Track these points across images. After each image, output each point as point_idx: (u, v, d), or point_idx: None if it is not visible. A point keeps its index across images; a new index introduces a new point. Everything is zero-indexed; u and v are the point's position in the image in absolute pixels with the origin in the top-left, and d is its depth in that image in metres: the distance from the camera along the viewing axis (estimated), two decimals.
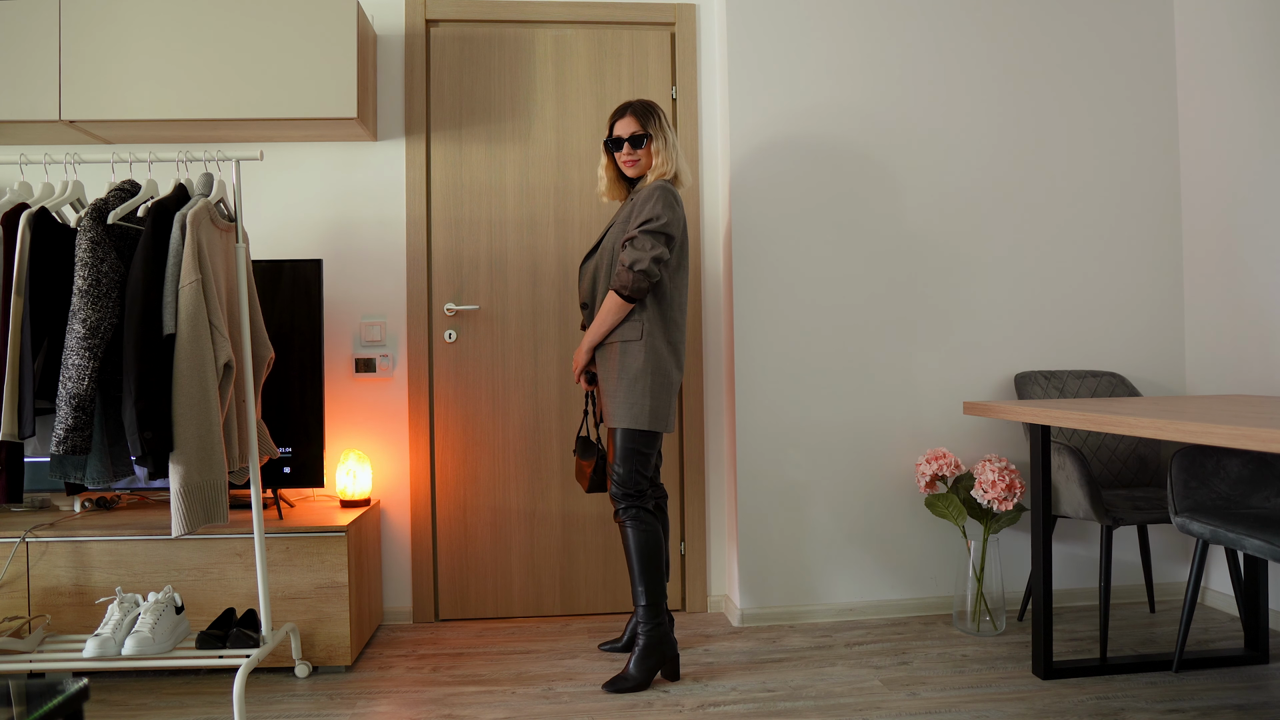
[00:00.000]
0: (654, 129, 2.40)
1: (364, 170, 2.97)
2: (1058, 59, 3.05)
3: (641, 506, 2.34)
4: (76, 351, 2.01)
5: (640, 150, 2.41)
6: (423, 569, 2.95)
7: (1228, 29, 2.88)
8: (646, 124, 2.40)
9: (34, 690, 1.04)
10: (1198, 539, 2.24)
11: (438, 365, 2.99)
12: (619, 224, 2.41)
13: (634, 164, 2.43)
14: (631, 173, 2.45)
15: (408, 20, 2.97)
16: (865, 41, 2.97)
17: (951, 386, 3.00)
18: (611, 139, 2.44)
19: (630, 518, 2.32)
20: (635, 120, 2.40)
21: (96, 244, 2.06)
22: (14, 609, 2.42)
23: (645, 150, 2.42)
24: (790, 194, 2.93)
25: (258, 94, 2.63)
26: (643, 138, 2.40)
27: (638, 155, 2.42)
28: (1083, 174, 3.06)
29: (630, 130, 2.40)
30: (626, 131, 2.41)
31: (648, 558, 2.32)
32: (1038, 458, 2.37)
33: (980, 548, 2.73)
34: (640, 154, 2.42)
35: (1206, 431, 1.62)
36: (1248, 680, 2.33)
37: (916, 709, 2.17)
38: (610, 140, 2.45)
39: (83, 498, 2.74)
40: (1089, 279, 3.06)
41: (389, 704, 2.26)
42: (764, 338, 2.91)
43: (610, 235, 2.42)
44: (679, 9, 3.05)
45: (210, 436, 2.07)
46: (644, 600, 2.32)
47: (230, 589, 2.46)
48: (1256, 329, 2.80)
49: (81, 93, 2.59)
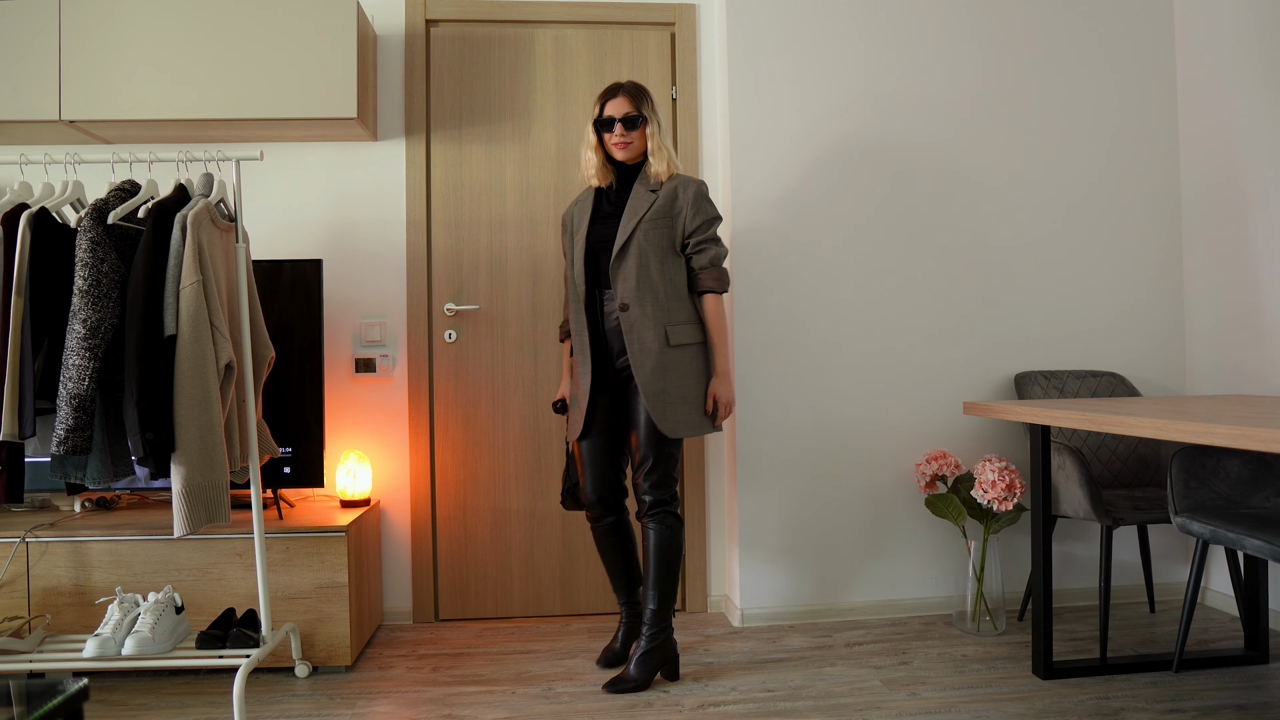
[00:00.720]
0: (648, 110, 2.32)
1: (364, 170, 2.97)
2: (1058, 58, 3.05)
3: (673, 510, 2.33)
4: (77, 352, 2.01)
5: (633, 132, 2.31)
6: (423, 569, 2.95)
7: (1228, 28, 2.88)
8: (640, 105, 2.31)
9: (34, 690, 1.05)
10: (1198, 539, 2.24)
11: (438, 365, 2.99)
12: (650, 220, 2.29)
13: (625, 146, 2.31)
14: (622, 155, 2.33)
15: (408, 20, 2.97)
16: (865, 42, 2.97)
17: (951, 386, 3.00)
18: (601, 119, 2.32)
19: (660, 520, 2.30)
20: (629, 101, 2.30)
21: (97, 244, 2.06)
22: (14, 609, 2.42)
23: (639, 132, 2.32)
24: (790, 194, 2.93)
25: (258, 94, 2.62)
26: (637, 119, 2.30)
27: (630, 137, 2.31)
28: (1083, 174, 3.06)
29: (624, 111, 2.29)
30: (619, 112, 2.29)
31: (671, 561, 2.31)
32: (1038, 458, 2.37)
33: (980, 548, 2.73)
34: (633, 136, 2.31)
35: (1207, 431, 1.62)
36: (1248, 680, 2.33)
37: (916, 709, 2.17)
38: (600, 120, 2.33)
39: (83, 498, 2.74)
40: (1089, 279, 3.06)
41: (389, 704, 2.26)
42: (764, 337, 2.91)
43: (640, 232, 2.28)
44: (679, 9, 3.05)
45: (212, 437, 2.07)
46: (654, 604, 2.31)
47: (230, 589, 2.46)
48: (1256, 329, 2.80)
49: (81, 93, 2.59)
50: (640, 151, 2.35)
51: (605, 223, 2.36)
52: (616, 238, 2.30)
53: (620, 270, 2.30)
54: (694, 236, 2.33)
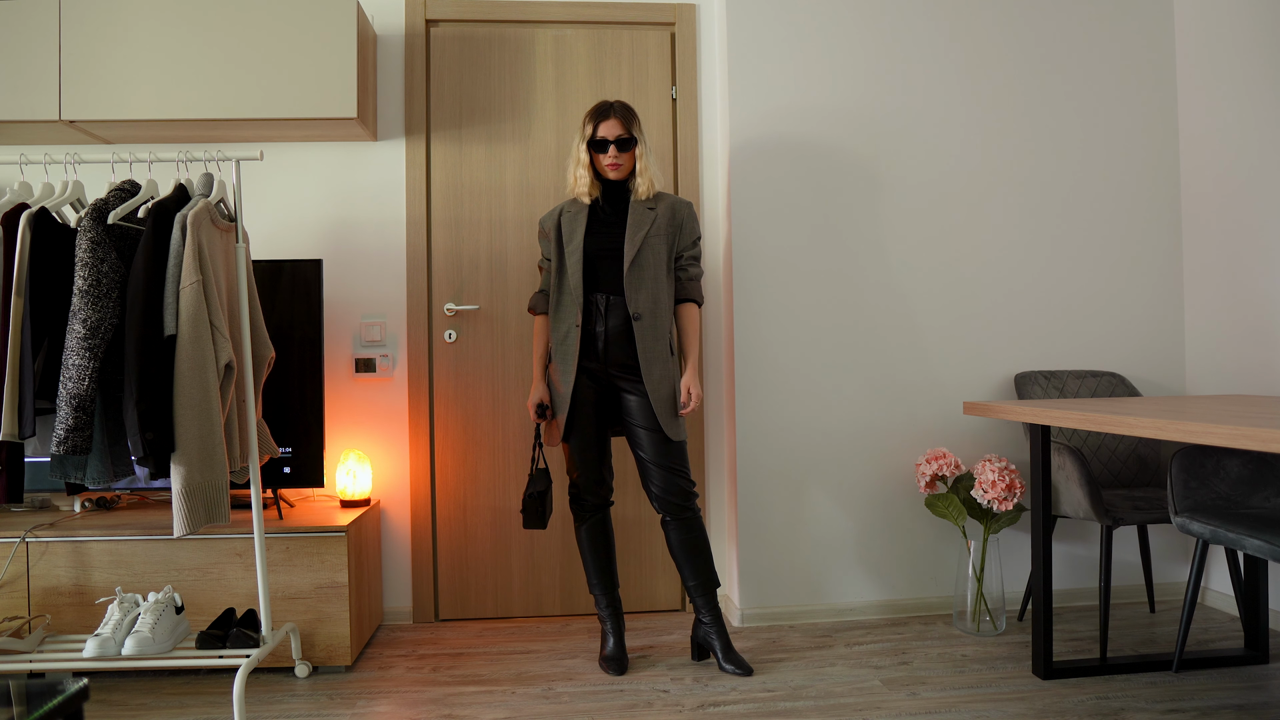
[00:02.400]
0: (638, 132, 2.43)
1: (364, 170, 2.97)
2: (1058, 58, 3.05)
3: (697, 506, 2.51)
4: (77, 351, 2.01)
5: (625, 154, 2.43)
6: (423, 569, 2.95)
7: (1228, 28, 2.88)
8: (631, 127, 2.42)
9: (34, 690, 1.05)
10: (1198, 539, 2.24)
11: (438, 365, 2.99)
12: (656, 236, 2.43)
13: (618, 167, 2.43)
14: (615, 175, 2.44)
15: (408, 20, 2.97)
16: (865, 42, 2.97)
17: (951, 386, 3.00)
18: (595, 140, 2.41)
19: (695, 514, 2.47)
20: (621, 124, 2.41)
21: (97, 244, 2.06)
22: (14, 609, 2.42)
23: (630, 154, 2.44)
24: (790, 194, 2.93)
25: (258, 94, 2.62)
26: (629, 141, 2.41)
27: (623, 159, 2.42)
28: (1083, 174, 3.06)
29: (616, 133, 2.40)
30: (612, 134, 2.40)
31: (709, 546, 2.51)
32: (1038, 458, 2.37)
33: (980, 548, 2.73)
34: (625, 157, 2.43)
35: (1206, 431, 1.62)
36: (1248, 680, 2.33)
37: (916, 709, 2.17)
38: (594, 141, 2.42)
39: (83, 498, 2.74)
40: (1089, 279, 3.06)
41: (389, 704, 2.26)
42: (764, 338, 2.91)
43: (648, 246, 2.41)
44: (679, 9, 3.05)
45: (212, 437, 2.07)
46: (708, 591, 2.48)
47: (230, 589, 2.46)
48: (1256, 329, 2.80)
49: (81, 93, 2.59)
50: (629, 170, 2.47)
51: (603, 233, 2.46)
52: (625, 250, 2.41)
53: (633, 281, 2.41)
54: (688, 252, 2.51)
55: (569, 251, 2.45)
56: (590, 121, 2.42)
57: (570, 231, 2.47)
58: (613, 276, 2.42)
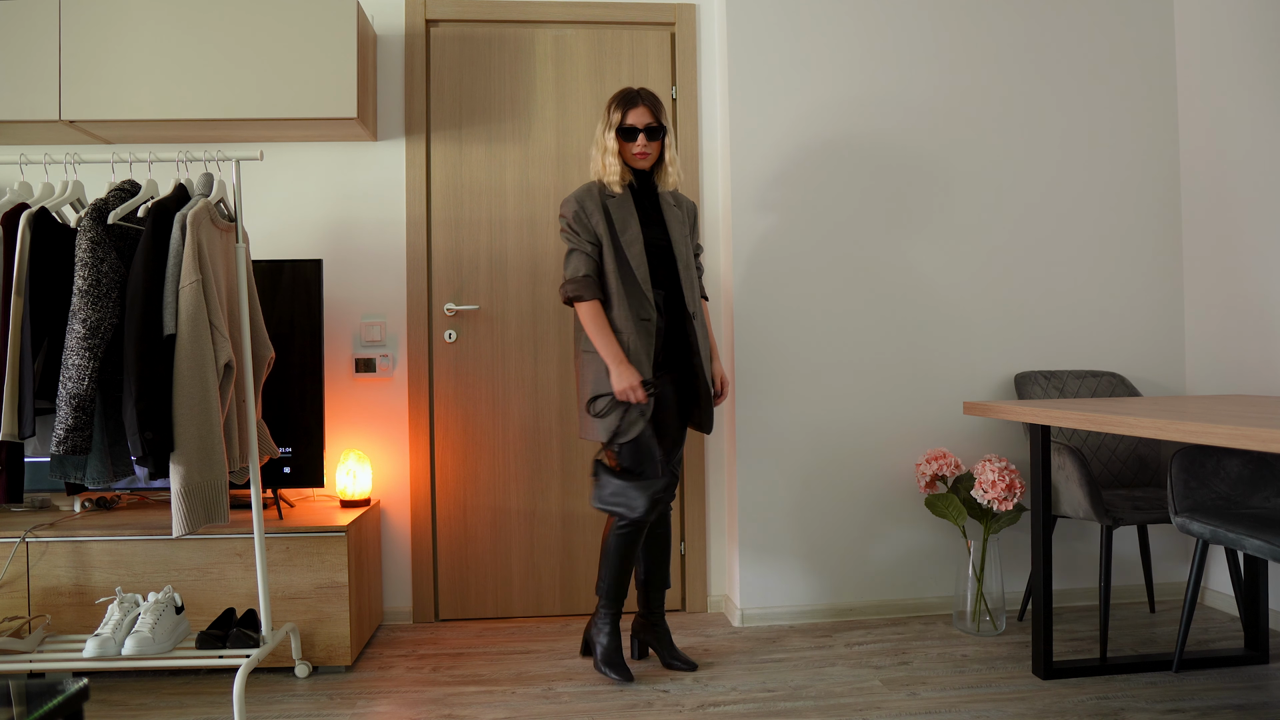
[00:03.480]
0: (666, 121, 2.37)
1: (364, 170, 2.97)
2: (1058, 58, 3.05)
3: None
4: (76, 351, 2.01)
5: (654, 143, 2.35)
6: (423, 569, 2.95)
7: (1228, 29, 2.88)
8: (660, 116, 2.35)
9: (34, 690, 1.05)
10: (1198, 539, 2.24)
11: (438, 365, 2.99)
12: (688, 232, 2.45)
13: (646, 156, 2.36)
14: (643, 164, 2.37)
15: (408, 20, 2.97)
16: (865, 41, 2.97)
17: (951, 386, 3.00)
18: (624, 127, 2.33)
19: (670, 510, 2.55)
20: (650, 112, 2.34)
21: (96, 244, 2.06)
22: (14, 609, 2.42)
23: (658, 143, 2.36)
24: (790, 194, 2.93)
25: (258, 94, 2.62)
26: (658, 130, 2.35)
27: (652, 148, 2.35)
28: (1083, 173, 3.06)
29: (646, 121, 2.33)
30: (642, 122, 2.33)
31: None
32: (1038, 458, 2.37)
33: (980, 548, 2.73)
34: (653, 146, 2.35)
35: (1206, 431, 1.62)
36: (1248, 680, 2.33)
37: (916, 709, 2.17)
38: (623, 129, 2.33)
39: (83, 498, 2.74)
40: (1089, 279, 3.06)
41: (389, 704, 2.26)
42: (764, 338, 2.91)
43: (678, 242, 2.39)
44: (679, 9, 3.05)
45: (211, 437, 2.07)
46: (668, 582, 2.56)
47: (230, 589, 2.46)
48: (1256, 329, 2.80)
49: (81, 93, 2.59)
50: (655, 160, 2.41)
51: (651, 227, 2.39)
52: (675, 247, 2.39)
53: (685, 279, 2.40)
54: (697, 252, 2.55)
55: (627, 241, 2.32)
56: (618, 108, 2.34)
57: (624, 219, 2.34)
58: (662, 272, 2.37)
